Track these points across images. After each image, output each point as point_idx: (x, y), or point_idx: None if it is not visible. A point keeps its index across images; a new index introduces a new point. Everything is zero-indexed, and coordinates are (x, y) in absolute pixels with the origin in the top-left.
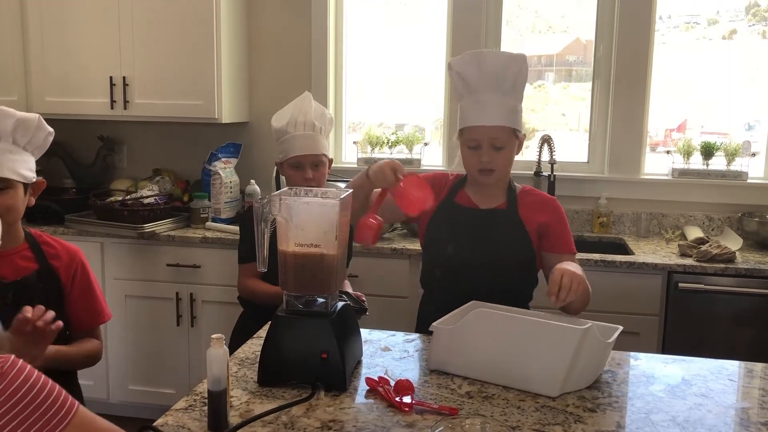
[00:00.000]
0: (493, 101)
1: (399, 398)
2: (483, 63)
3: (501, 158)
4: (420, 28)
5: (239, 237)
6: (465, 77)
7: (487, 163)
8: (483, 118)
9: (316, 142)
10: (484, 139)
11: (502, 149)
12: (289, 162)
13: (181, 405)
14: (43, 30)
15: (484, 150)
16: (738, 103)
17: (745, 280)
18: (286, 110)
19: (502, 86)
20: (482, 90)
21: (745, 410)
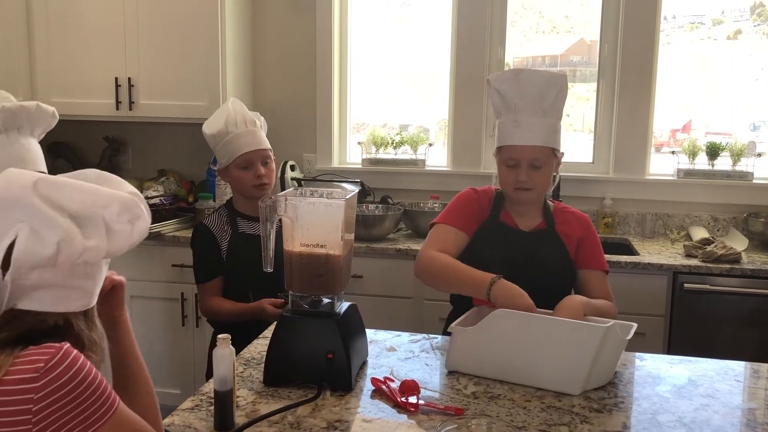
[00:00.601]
0: (533, 121)
1: (404, 398)
2: (524, 82)
3: (539, 177)
4: (424, 29)
5: (193, 257)
6: (504, 95)
7: (524, 182)
8: (523, 138)
9: (260, 136)
10: (524, 158)
11: (540, 168)
12: (237, 163)
13: (188, 405)
14: (49, 31)
15: (523, 169)
16: (743, 103)
17: (750, 280)
18: (218, 114)
19: (542, 106)
20: (522, 109)
21: (752, 411)
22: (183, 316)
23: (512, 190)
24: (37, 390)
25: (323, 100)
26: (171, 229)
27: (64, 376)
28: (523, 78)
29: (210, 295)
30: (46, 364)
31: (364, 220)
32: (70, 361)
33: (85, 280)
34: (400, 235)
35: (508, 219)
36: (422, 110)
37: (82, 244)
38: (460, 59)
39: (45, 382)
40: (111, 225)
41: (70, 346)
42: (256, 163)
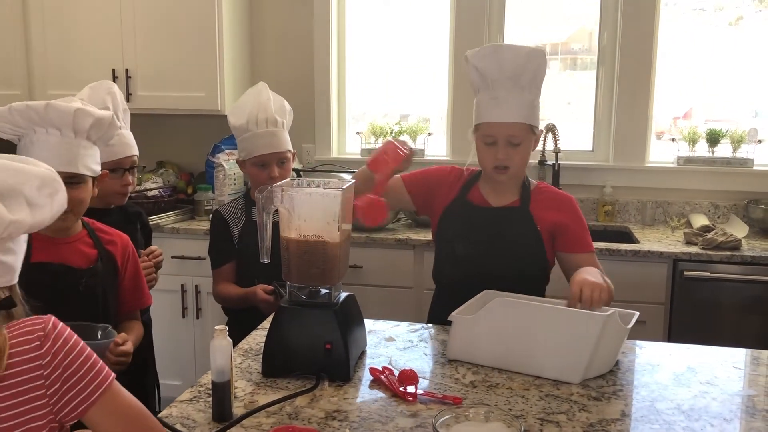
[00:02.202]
0: (511, 97)
1: (403, 388)
2: (502, 58)
3: (517, 155)
4: (423, 18)
5: (209, 241)
6: (482, 71)
7: (503, 160)
8: (500, 114)
9: (279, 139)
10: (501, 135)
11: (518, 146)
12: (253, 161)
13: (186, 396)
14: (45, 23)
15: (501, 147)
16: (744, 89)
17: (751, 267)
18: (243, 105)
19: (520, 81)
20: (500, 85)
21: (751, 398)
22: (183, 307)
23: (492, 169)
24: (43, 356)
25: (321, 91)
26: (170, 220)
27: (61, 340)
28: (502, 53)
29: (220, 281)
30: (44, 332)
31: None
32: (60, 328)
33: (8, 256)
34: (399, 225)
35: (476, 197)
36: (423, 100)
37: (7, 218)
38: (459, 48)
39: (48, 348)
40: (31, 200)
41: (54, 318)
42: (272, 164)
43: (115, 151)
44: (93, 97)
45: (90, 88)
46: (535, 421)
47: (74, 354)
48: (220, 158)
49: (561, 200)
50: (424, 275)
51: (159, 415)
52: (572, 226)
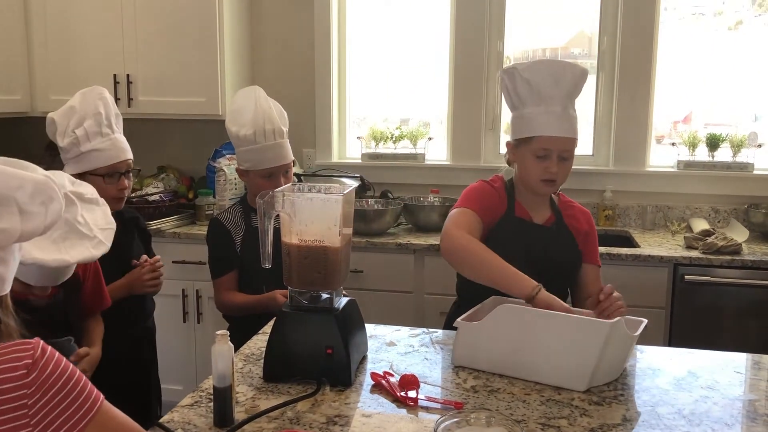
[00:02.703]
0: (567, 112)
1: (404, 393)
2: (560, 74)
3: (565, 169)
4: (424, 22)
5: (208, 252)
6: (536, 85)
7: (555, 173)
8: (560, 129)
9: (286, 150)
10: (557, 149)
11: (567, 160)
12: (260, 173)
13: (187, 401)
14: (47, 29)
15: (553, 160)
16: (744, 94)
17: (751, 272)
18: (243, 112)
19: (572, 97)
20: (557, 101)
21: (752, 402)
22: (184, 312)
23: (538, 181)
24: (29, 385)
25: (322, 95)
26: (171, 225)
27: (49, 369)
28: (558, 69)
29: (224, 290)
30: (32, 359)
31: (364, 215)
32: (48, 354)
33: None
34: (400, 229)
35: (523, 212)
36: (423, 104)
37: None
38: (459, 53)
39: (34, 377)
40: (23, 207)
41: (43, 343)
42: (279, 175)
43: (109, 155)
44: (84, 103)
45: (81, 94)
46: (536, 425)
47: (62, 381)
48: (221, 163)
49: (584, 213)
50: (424, 280)
51: (160, 420)
52: (591, 238)
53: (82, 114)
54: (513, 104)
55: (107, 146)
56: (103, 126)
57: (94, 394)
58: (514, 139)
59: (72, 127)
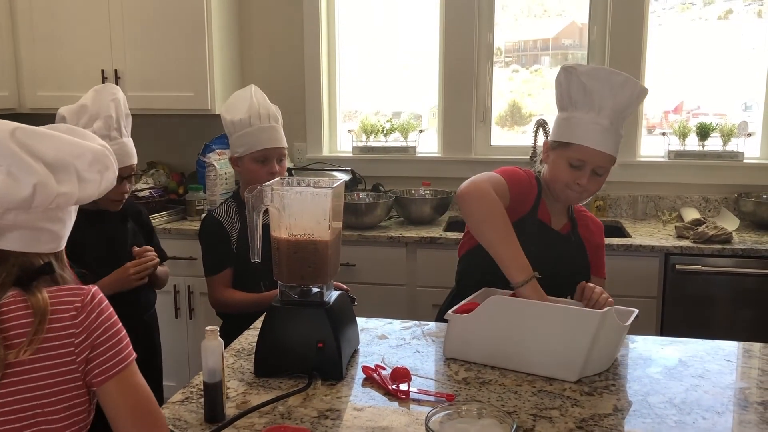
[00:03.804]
0: (613, 128)
1: (396, 386)
2: (619, 87)
3: (596, 185)
4: (413, 14)
5: (201, 249)
6: (591, 91)
7: (584, 185)
8: (602, 143)
9: (280, 135)
10: (593, 162)
11: (600, 176)
12: (254, 156)
13: (178, 398)
14: (33, 24)
15: (586, 173)
16: (734, 83)
17: (742, 260)
18: (239, 102)
19: (623, 115)
20: (608, 115)
21: (743, 390)
22: (176, 308)
23: (564, 188)
24: (77, 326)
25: (312, 89)
26: (162, 221)
27: (95, 314)
28: (618, 81)
29: (220, 288)
30: (81, 303)
31: (356, 209)
32: (97, 301)
33: (56, 224)
34: (391, 222)
35: (544, 215)
36: (415, 97)
37: (55, 189)
38: (449, 45)
39: (81, 319)
40: (82, 174)
41: (96, 289)
42: (273, 159)
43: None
44: (96, 103)
45: (95, 92)
46: (527, 417)
47: (104, 328)
48: (211, 158)
49: (597, 225)
50: (416, 273)
51: None
52: (601, 251)
53: (93, 114)
54: (563, 105)
55: (113, 151)
56: (112, 129)
57: (127, 350)
58: (553, 141)
59: (82, 126)
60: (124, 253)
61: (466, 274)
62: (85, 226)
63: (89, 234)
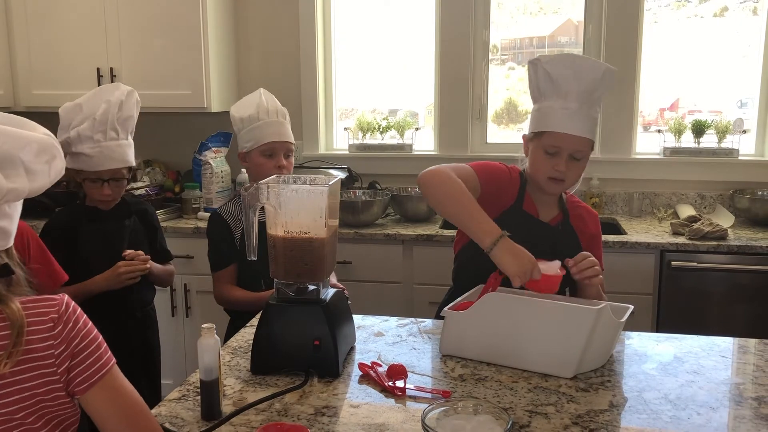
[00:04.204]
0: (583, 111)
1: (392, 383)
2: (581, 70)
3: (576, 170)
4: (409, 11)
5: (208, 245)
6: (557, 79)
7: (562, 172)
8: (574, 127)
9: (287, 129)
10: (567, 148)
11: (579, 161)
12: (261, 149)
13: (175, 395)
14: (29, 22)
15: (563, 159)
16: (730, 80)
17: (737, 257)
18: (249, 101)
19: (592, 96)
20: (575, 98)
21: (738, 386)
22: (173, 306)
23: (545, 179)
24: (55, 337)
25: (308, 87)
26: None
27: (71, 322)
28: (581, 65)
29: (222, 283)
30: (57, 314)
31: (352, 206)
32: (71, 309)
33: (3, 220)
34: (388, 220)
35: (530, 207)
36: (411, 94)
37: (4, 185)
38: (445, 43)
39: (60, 330)
40: (29, 166)
41: (68, 297)
42: (280, 153)
43: (94, 162)
44: (89, 103)
45: (94, 93)
46: (523, 413)
47: (82, 335)
48: (207, 156)
49: (592, 215)
50: (413, 270)
51: None
52: (596, 241)
53: (84, 114)
54: (534, 97)
55: (94, 153)
56: (96, 131)
57: (107, 356)
58: (530, 133)
59: (72, 126)
60: (117, 252)
61: (461, 271)
62: (83, 221)
63: (86, 229)
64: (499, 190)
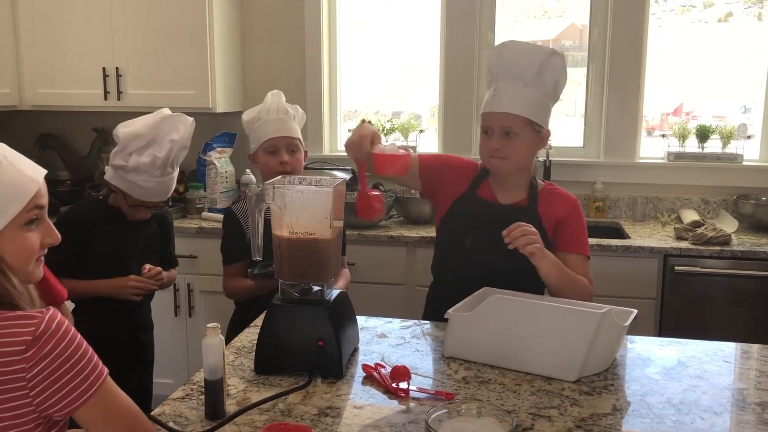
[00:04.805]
0: (509, 89)
1: (395, 384)
2: (505, 52)
3: (512, 147)
4: (415, 14)
5: (222, 238)
6: (490, 66)
7: (496, 150)
8: (497, 104)
9: (289, 125)
10: (497, 125)
11: (514, 137)
12: (264, 147)
13: (179, 394)
14: (35, 21)
15: (495, 137)
16: (734, 86)
17: (740, 262)
18: (257, 105)
19: (522, 76)
20: (501, 78)
21: (741, 391)
22: (176, 306)
23: (487, 159)
24: (27, 360)
25: (313, 88)
26: None
27: (51, 344)
28: (507, 47)
29: (230, 276)
30: (32, 336)
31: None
32: (54, 328)
33: None
34: (392, 222)
35: (486, 193)
36: (415, 97)
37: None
38: (450, 45)
39: (33, 352)
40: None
41: (53, 312)
42: (282, 149)
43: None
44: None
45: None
46: (527, 416)
47: (65, 356)
48: (212, 156)
49: (566, 199)
50: (416, 272)
51: (151, 413)
52: (571, 223)
53: (144, 143)
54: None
55: (149, 187)
56: (156, 168)
57: (97, 371)
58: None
59: (131, 152)
60: (129, 254)
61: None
62: (101, 219)
63: (103, 228)
64: (447, 175)
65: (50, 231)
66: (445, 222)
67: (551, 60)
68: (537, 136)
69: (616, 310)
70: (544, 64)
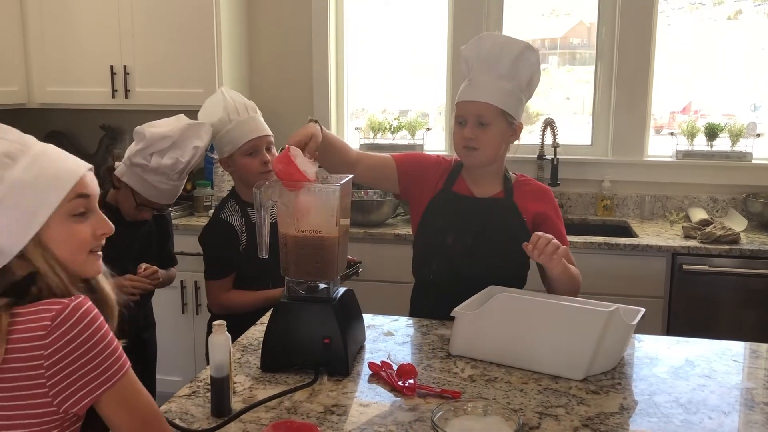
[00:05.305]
0: (483, 79)
1: (402, 382)
2: (481, 44)
3: (484, 136)
4: (422, 12)
5: (205, 251)
6: (466, 58)
7: (469, 139)
8: (470, 94)
9: (263, 124)
10: (470, 115)
11: (486, 127)
12: (243, 150)
13: (185, 392)
14: (43, 19)
15: (468, 126)
16: (743, 84)
17: (749, 261)
18: (212, 105)
19: (496, 68)
20: (475, 69)
21: (749, 390)
22: (183, 303)
23: (461, 150)
24: (46, 346)
25: (320, 86)
26: None
27: (72, 331)
28: (481, 40)
29: (222, 292)
30: (52, 321)
31: (362, 206)
32: (79, 316)
33: None
34: (398, 220)
35: (461, 188)
36: (422, 95)
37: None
38: (457, 43)
39: (54, 338)
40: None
41: (82, 300)
42: (262, 149)
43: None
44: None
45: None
46: (533, 414)
47: (87, 345)
48: None
49: (542, 191)
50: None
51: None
52: (552, 217)
53: (170, 148)
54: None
55: (164, 189)
56: (174, 171)
57: (119, 362)
58: None
59: (152, 150)
60: (126, 253)
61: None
62: None
63: None
64: (423, 174)
65: (102, 222)
66: (424, 220)
67: (526, 54)
68: (510, 128)
69: (624, 309)
70: (520, 58)
